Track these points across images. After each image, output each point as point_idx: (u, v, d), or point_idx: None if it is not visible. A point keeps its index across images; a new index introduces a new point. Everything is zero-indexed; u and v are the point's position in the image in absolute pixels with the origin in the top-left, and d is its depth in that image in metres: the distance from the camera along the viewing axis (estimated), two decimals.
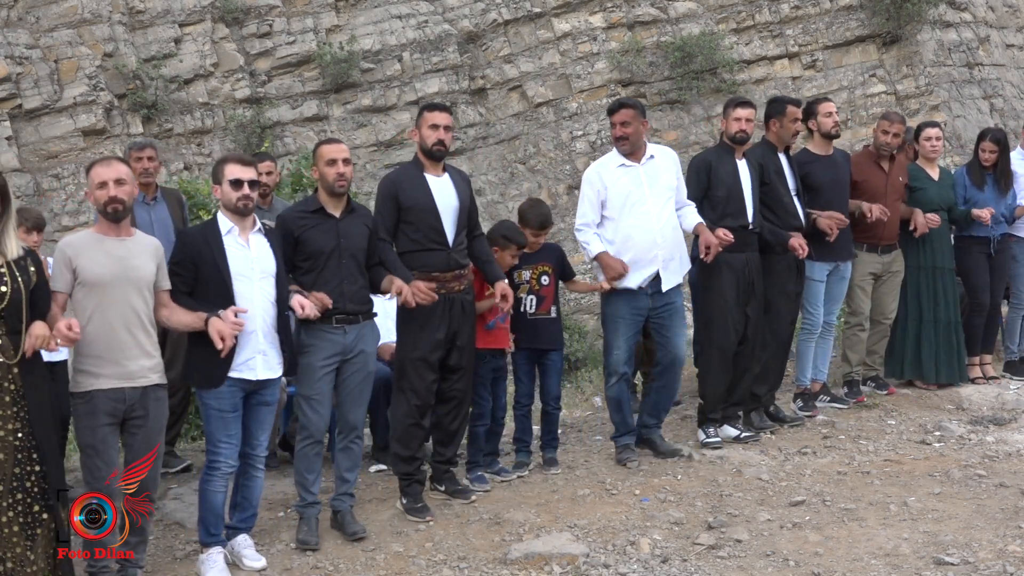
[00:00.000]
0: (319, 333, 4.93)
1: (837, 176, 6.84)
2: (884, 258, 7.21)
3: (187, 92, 20.28)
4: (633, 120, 5.99)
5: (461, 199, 5.35)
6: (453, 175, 5.43)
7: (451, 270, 5.28)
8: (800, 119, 6.65)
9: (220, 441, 4.63)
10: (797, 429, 6.79)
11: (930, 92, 23.47)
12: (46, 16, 19.63)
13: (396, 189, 5.29)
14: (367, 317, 5.08)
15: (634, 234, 5.89)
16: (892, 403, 7.29)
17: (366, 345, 5.07)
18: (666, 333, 6.07)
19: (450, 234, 5.28)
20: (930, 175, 7.49)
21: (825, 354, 7.11)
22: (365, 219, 5.13)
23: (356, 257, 5.01)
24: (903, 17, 23.01)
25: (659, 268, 5.93)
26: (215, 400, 4.60)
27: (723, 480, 5.80)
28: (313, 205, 5.04)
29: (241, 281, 4.62)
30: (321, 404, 4.97)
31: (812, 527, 5.15)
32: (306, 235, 4.93)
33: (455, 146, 21.58)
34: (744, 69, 22.81)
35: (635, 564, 4.73)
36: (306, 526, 5.00)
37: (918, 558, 4.75)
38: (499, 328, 5.74)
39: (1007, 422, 6.94)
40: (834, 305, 7.01)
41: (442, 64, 21.81)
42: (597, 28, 22.66)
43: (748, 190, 6.31)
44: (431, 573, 4.70)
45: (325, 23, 21.54)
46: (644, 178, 5.95)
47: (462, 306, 5.33)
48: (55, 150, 18.82)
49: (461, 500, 5.47)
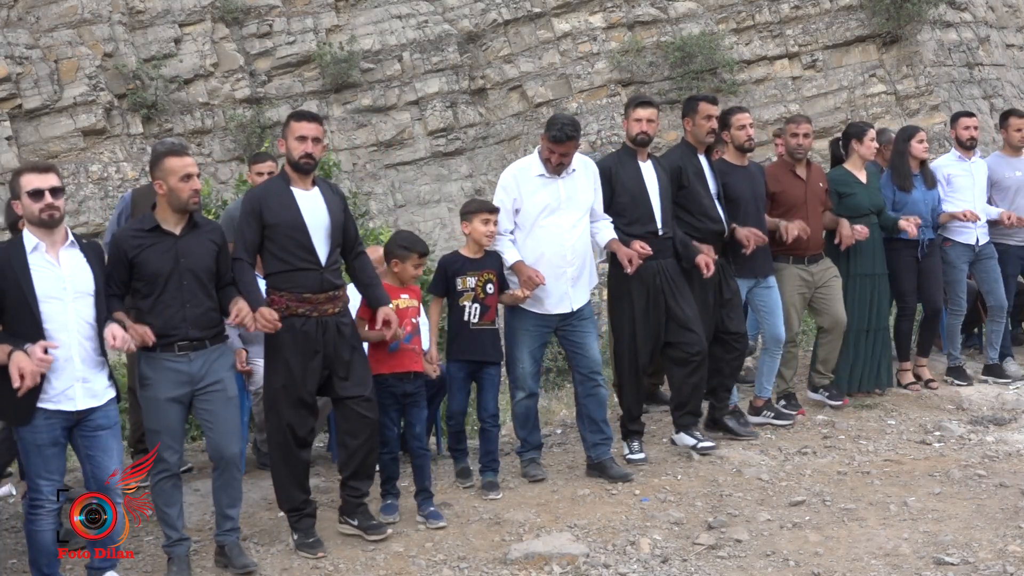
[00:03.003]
0: (159, 363, 4.50)
1: (754, 189, 6.52)
2: (812, 268, 6.85)
3: (187, 92, 20.30)
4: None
5: (333, 215, 4.89)
6: (324, 189, 4.96)
7: (324, 291, 4.83)
8: (713, 116, 6.27)
9: (39, 478, 4.22)
10: (797, 429, 6.78)
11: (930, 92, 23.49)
12: (46, 16, 19.65)
13: (259, 205, 4.81)
14: (216, 341, 4.63)
15: (547, 251, 5.64)
16: (892, 403, 7.28)
17: (219, 370, 4.60)
18: (577, 341, 5.80)
19: (322, 253, 4.83)
20: (859, 179, 7.14)
21: (771, 370, 6.76)
22: (211, 235, 4.65)
23: (199, 277, 4.55)
24: (903, 17, 23.03)
25: (568, 287, 5.69)
26: (30, 433, 4.17)
27: (723, 480, 5.80)
28: (149, 223, 4.55)
29: (50, 303, 4.18)
30: (172, 438, 4.53)
31: (812, 527, 5.15)
32: (141, 256, 4.48)
33: (455, 146, 21.61)
34: (744, 69, 22.83)
35: (635, 564, 4.73)
36: (176, 567, 4.55)
37: (918, 558, 4.75)
38: (404, 350, 5.24)
39: (1007, 422, 6.94)
40: (775, 317, 6.60)
41: (442, 64, 21.82)
42: (597, 28, 22.67)
43: (655, 194, 6.00)
44: (431, 573, 4.70)
45: (325, 23, 21.55)
46: (563, 192, 5.68)
47: (337, 328, 4.86)
48: (55, 150, 18.84)
49: (375, 536, 4.99)
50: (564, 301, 5.72)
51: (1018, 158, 7.92)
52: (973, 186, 7.64)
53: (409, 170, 21.51)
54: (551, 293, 5.67)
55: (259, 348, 5.49)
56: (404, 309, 5.24)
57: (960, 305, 7.72)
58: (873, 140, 7.21)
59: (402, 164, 21.46)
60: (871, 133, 7.21)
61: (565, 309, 5.73)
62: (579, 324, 5.78)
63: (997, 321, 7.83)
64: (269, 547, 4.98)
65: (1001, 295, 7.75)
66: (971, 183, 7.64)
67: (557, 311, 5.72)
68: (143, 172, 18.18)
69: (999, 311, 7.79)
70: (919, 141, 7.46)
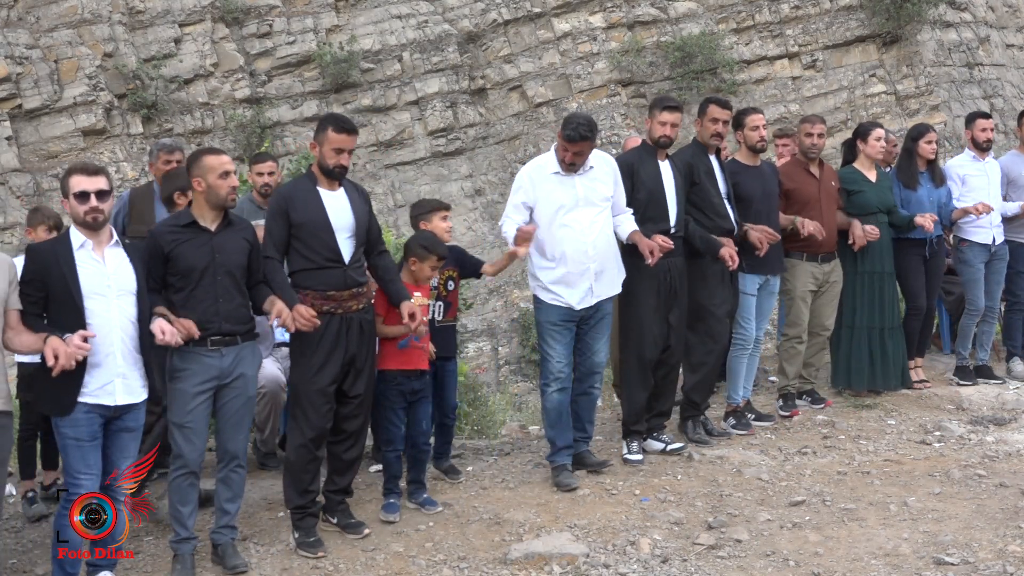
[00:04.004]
0: (193, 356, 4.57)
1: (766, 188, 6.58)
2: (824, 267, 6.95)
3: (187, 92, 20.30)
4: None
5: (357, 215, 4.98)
6: (349, 190, 5.05)
7: (348, 288, 4.92)
8: (720, 120, 6.33)
9: (80, 472, 4.26)
10: (797, 429, 6.78)
11: (930, 92, 23.50)
12: (46, 16, 19.65)
13: (287, 205, 4.91)
14: (247, 338, 4.73)
15: (567, 249, 5.65)
16: (892, 403, 7.29)
17: (246, 368, 4.71)
18: (589, 341, 5.81)
19: (346, 252, 4.92)
20: (867, 177, 7.21)
21: (751, 372, 6.83)
22: (245, 233, 4.77)
23: (233, 274, 4.65)
24: (903, 17, 23.04)
25: (591, 281, 5.69)
26: (70, 428, 4.24)
27: (723, 480, 5.80)
28: (185, 219, 4.67)
29: (95, 299, 4.28)
30: (195, 433, 4.59)
31: (812, 527, 5.15)
32: (177, 251, 4.57)
33: (455, 146, 21.61)
34: (744, 69, 22.84)
35: (635, 564, 4.73)
36: (180, 564, 4.62)
37: (918, 558, 4.75)
38: (413, 347, 5.30)
39: (1007, 422, 6.94)
40: (762, 320, 6.72)
41: (442, 64, 21.82)
42: (597, 28, 22.67)
43: (672, 193, 6.08)
44: (431, 573, 4.70)
45: (325, 23, 21.55)
46: (580, 190, 5.70)
47: (360, 326, 4.96)
48: (55, 150, 18.84)
49: (353, 535, 5.05)
50: (588, 296, 5.72)
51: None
52: (988, 185, 7.66)
53: (409, 170, 21.51)
54: (577, 288, 5.68)
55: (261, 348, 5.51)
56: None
57: (978, 305, 7.74)
58: (880, 140, 7.26)
59: (402, 164, 21.47)
60: (876, 132, 7.26)
61: (589, 303, 5.73)
62: (596, 323, 5.80)
63: (989, 322, 7.87)
64: (269, 547, 4.99)
65: (997, 297, 7.82)
66: (986, 183, 7.67)
67: (582, 306, 5.72)
68: (143, 172, 18.18)
69: (992, 312, 7.83)
70: (927, 141, 7.50)
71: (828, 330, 7.11)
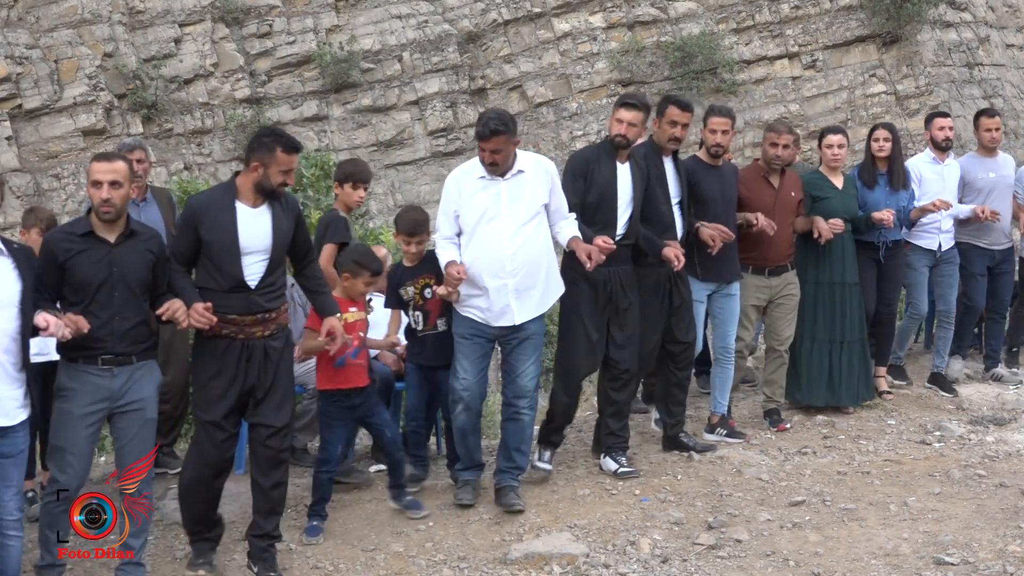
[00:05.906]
0: (80, 375, 4.20)
1: (725, 191, 6.21)
2: (772, 281, 6.56)
3: (187, 92, 20.29)
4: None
5: (277, 236, 4.54)
6: (274, 205, 4.57)
7: (252, 313, 4.48)
8: (679, 123, 5.85)
9: None
10: (797, 429, 6.77)
11: (930, 92, 23.49)
12: (46, 16, 19.64)
13: (197, 220, 4.48)
14: (144, 357, 4.33)
15: (483, 258, 5.17)
16: (892, 403, 7.28)
17: (142, 391, 4.31)
18: (513, 363, 5.33)
19: (253, 277, 4.49)
20: (833, 184, 6.89)
21: (724, 383, 6.47)
22: (149, 244, 4.36)
23: (133, 289, 4.25)
24: (903, 17, 23.04)
25: (510, 299, 5.20)
26: None
27: (723, 480, 5.80)
28: (83, 227, 4.25)
29: None
30: (77, 459, 4.20)
31: (812, 527, 5.15)
32: (72, 261, 4.17)
33: (455, 146, 21.61)
34: (744, 69, 22.84)
35: (635, 564, 4.74)
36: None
37: (918, 558, 4.75)
38: (350, 365, 5.07)
39: (1007, 422, 6.95)
40: (729, 327, 6.38)
41: (442, 64, 21.82)
42: (597, 28, 22.67)
43: (624, 199, 5.61)
44: (431, 573, 4.70)
45: (325, 23, 21.55)
46: (505, 195, 5.19)
47: (265, 352, 4.52)
48: (55, 150, 18.83)
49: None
50: (505, 314, 5.23)
51: (992, 159, 7.70)
52: (943, 189, 7.38)
53: (409, 170, 21.51)
54: (491, 304, 5.22)
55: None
56: (352, 323, 5.08)
57: (920, 309, 7.58)
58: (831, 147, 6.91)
59: (402, 164, 21.47)
60: (829, 139, 6.96)
61: (506, 323, 5.25)
62: (519, 345, 5.30)
63: (946, 327, 7.63)
64: None
65: (952, 301, 7.56)
66: (941, 185, 7.40)
67: (497, 324, 5.25)
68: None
69: (947, 316, 7.60)
70: (875, 139, 7.18)
71: (784, 344, 6.75)
